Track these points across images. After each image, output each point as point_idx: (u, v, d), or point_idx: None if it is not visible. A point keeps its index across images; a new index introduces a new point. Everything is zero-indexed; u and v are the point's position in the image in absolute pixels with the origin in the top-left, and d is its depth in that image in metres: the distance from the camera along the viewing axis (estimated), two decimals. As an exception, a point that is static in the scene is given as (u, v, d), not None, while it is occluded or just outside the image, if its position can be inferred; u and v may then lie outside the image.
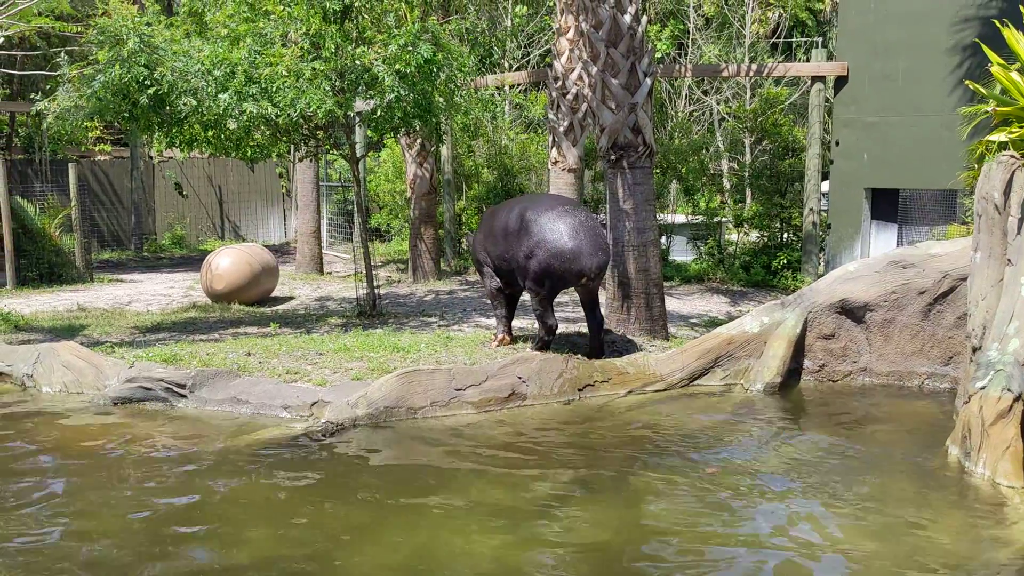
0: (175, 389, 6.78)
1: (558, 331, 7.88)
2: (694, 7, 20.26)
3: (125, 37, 8.77)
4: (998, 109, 5.94)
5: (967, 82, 7.36)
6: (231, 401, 6.65)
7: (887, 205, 11.91)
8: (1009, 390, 5.28)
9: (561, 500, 5.02)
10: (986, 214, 5.82)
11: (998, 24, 6.18)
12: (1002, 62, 5.88)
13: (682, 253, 14.75)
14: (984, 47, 6.37)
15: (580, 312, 10.54)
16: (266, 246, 16.45)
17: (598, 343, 7.71)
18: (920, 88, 11.29)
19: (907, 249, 7.55)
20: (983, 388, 5.37)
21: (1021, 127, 5.74)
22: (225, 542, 4.48)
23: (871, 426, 6.44)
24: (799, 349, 7.40)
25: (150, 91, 8.77)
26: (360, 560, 4.28)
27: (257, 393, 6.67)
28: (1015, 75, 5.80)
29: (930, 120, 11.19)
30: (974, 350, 5.75)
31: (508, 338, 8.17)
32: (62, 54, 10.27)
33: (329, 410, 6.29)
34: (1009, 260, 5.63)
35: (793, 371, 7.38)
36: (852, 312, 7.35)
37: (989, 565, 4.26)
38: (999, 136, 5.96)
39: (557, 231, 7.29)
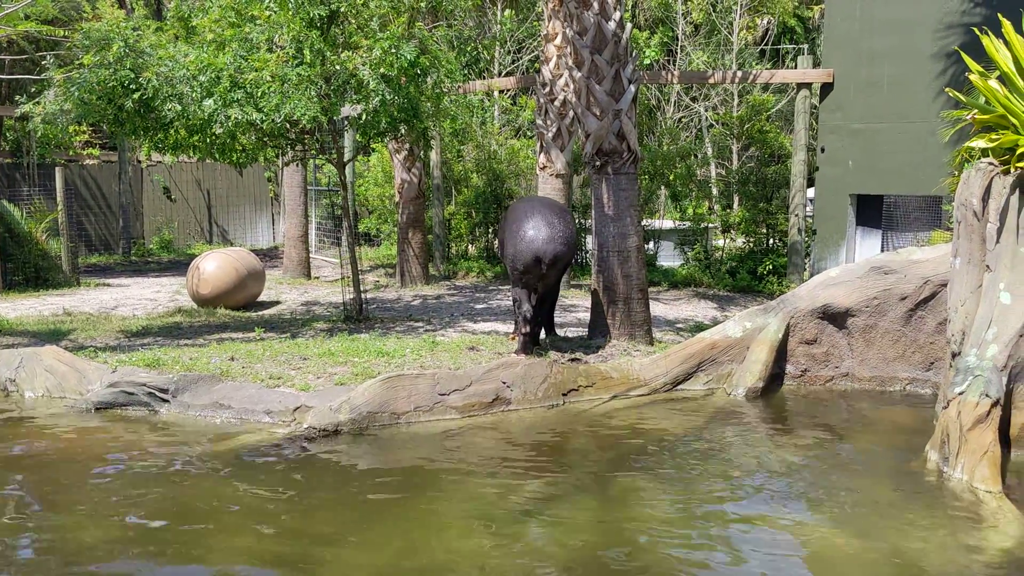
0: (158, 394, 6.77)
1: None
2: (683, 14, 20.33)
3: (111, 41, 8.76)
4: (978, 117, 5.97)
5: (948, 90, 7.40)
6: (213, 406, 6.64)
7: (872, 211, 11.98)
8: (987, 395, 5.32)
9: (544, 504, 5.03)
10: (965, 220, 5.86)
11: (978, 32, 6.22)
12: (981, 70, 5.91)
13: (669, 258, 14.79)
14: (964, 55, 6.41)
15: (565, 317, 10.57)
16: (254, 250, 16.43)
17: (542, 329, 8.44)
18: (905, 95, 11.36)
19: (889, 255, 7.59)
20: (962, 393, 5.41)
21: (1000, 134, 5.77)
22: (207, 547, 4.48)
23: (852, 431, 6.48)
24: (781, 354, 7.43)
25: (135, 95, 8.77)
26: (342, 563, 4.28)
27: (240, 398, 6.67)
28: (993, 83, 5.83)
29: (915, 127, 11.25)
30: (954, 355, 5.79)
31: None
32: (49, 58, 10.25)
33: (312, 415, 6.29)
34: (988, 266, 5.67)
35: (775, 376, 7.42)
36: (834, 317, 7.38)
37: (966, 569, 4.28)
38: (979, 143, 5.98)
39: (524, 219, 7.92)
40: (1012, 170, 5.59)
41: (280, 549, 4.44)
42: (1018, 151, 5.52)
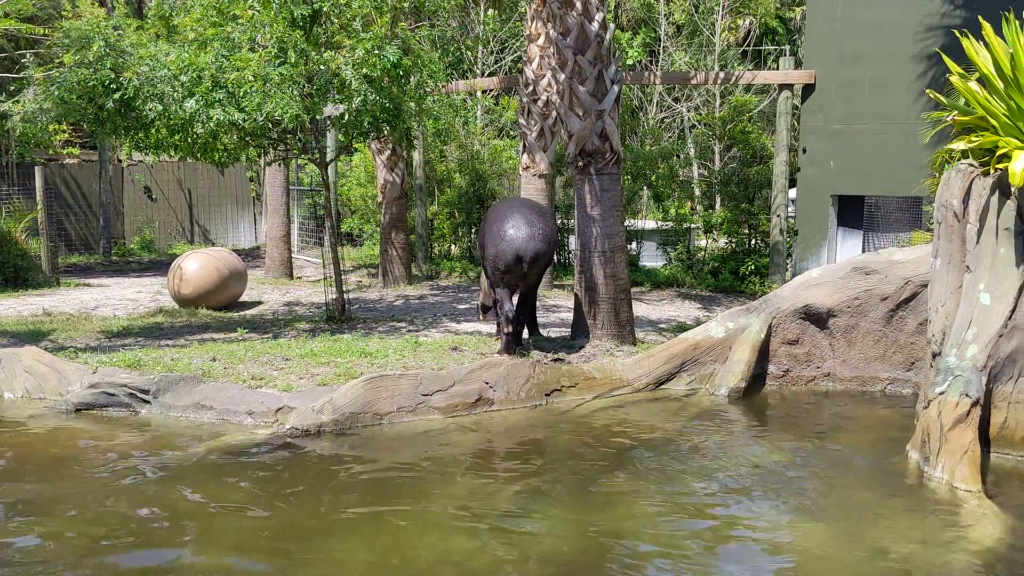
0: (139, 395, 6.72)
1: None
2: (665, 15, 20.38)
3: (91, 40, 8.71)
4: (958, 118, 6.02)
5: (928, 91, 7.45)
6: (195, 407, 6.61)
7: (853, 212, 12.04)
8: (967, 395, 5.35)
9: (526, 504, 5.03)
10: (946, 221, 5.90)
11: (958, 34, 6.26)
12: (961, 71, 5.95)
13: (652, 259, 14.83)
14: (945, 57, 6.45)
15: (548, 317, 10.58)
16: (236, 250, 16.36)
17: (524, 328, 8.53)
18: (886, 96, 11.42)
19: (870, 256, 7.63)
20: (942, 393, 5.44)
21: (980, 136, 5.81)
22: (188, 548, 4.45)
23: (833, 431, 6.51)
24: (764, 354, 7.46)
25: (116, 95, 8.71)
26: (324, 564, 4.26)
27: (221, 399, 6.64)
28: (974, 85, 5.87)
29: (895, 128, 11.31)
30: (934, 356, 5.82)
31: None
32: (28, 56, 10.17)
33: (294, 416, 6.26)
34: (968, 267, 5.71)
35: (758, 376, 7.44)
36: (816, 318, 7.41)
37: (947, 568, 4.31)
38: (960, 145, 6.03)
39: (504, 219, 7.98)
40: (992, 171, 5.63)
41: (260, 550, 4.42)
42: (998, 152, 5.56)
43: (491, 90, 17.28)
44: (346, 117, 9.12)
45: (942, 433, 5.34)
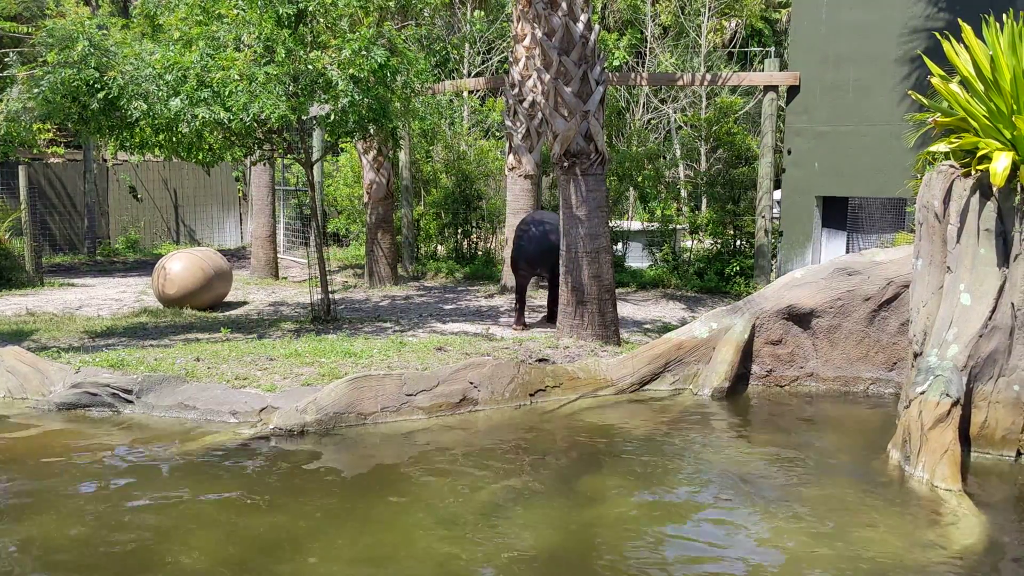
0: (121, 395, 6.70)
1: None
2: (651, 16, 20.42)
3: (75, 39, 8.67)
4: (939, 120, 6.06)
5: (911, 93, 7.50)
6: (178, 407, 6.59)
7: (837, 213, 12.09)
8: (948, 395, 5.39)
9: (510, 504, 5.04)
10: (927, 222, 5.94)
11: (940, 37, 6.30)
12: (943, 74, 5.99)
13: (638, 259, 14.86)
14: (927, 60, 6.49)
15: (534, 317, 10.60)
16: (221, 250, 16.32)
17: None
18: (870, 98, 11.48)
19: (853, 256, 7.67)
20: (923, 393, 5.48)
21: (961, 137, 5.85)
22: (170, 548, 4.44)
23: (816, 430, 6.54)
24: (747, 354, 7.48)
25: (100, 95, 8.68)
26: (307, 565, 4.26)
27: (205, 399, 6.62)
28: (955, 87, 5.92)
29: (879, 130, 11.37)
30: (915, 356, 5.86)
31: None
32: (11, 55, 10.13)
33: (278, 416, 6.25)
34: (949, 268, 5.75)
35: (741, 376, 7.47)
36: (799, 318, 7.45)
37: (926, 566, 4.34)
38: (941, 146, 6.07)
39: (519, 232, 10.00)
40: (972, 172, 5.67)
41: (244, 551, 4.42)
42: (978, 154, 5.60)
43: (477, 91, 17.29)
44: (332, 117, 9.11)
45: (923, 432, 5.38)
